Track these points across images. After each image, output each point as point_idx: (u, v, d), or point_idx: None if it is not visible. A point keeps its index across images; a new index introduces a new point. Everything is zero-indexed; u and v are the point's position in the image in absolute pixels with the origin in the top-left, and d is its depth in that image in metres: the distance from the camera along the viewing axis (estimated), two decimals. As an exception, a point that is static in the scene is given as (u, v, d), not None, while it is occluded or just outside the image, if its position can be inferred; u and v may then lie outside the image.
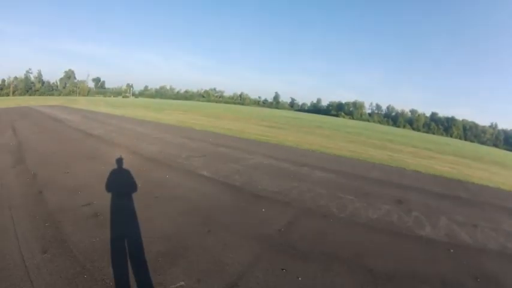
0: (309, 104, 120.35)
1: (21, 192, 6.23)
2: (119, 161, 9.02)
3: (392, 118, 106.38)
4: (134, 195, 6.33)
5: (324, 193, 7.19)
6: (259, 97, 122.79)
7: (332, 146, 16.09)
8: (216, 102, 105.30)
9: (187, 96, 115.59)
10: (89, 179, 7.28)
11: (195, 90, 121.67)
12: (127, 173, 7.85)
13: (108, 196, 6.18)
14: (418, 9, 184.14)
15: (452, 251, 4.98)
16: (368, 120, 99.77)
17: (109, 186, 6.80)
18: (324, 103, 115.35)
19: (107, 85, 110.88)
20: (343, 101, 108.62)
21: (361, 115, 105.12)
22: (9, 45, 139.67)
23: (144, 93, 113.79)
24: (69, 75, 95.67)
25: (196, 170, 8.75)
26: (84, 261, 3.93)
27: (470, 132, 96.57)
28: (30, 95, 74.68)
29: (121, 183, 7.19)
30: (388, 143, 24.88)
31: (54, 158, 9.19)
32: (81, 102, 45.80)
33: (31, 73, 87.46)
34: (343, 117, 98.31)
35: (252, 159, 10.69)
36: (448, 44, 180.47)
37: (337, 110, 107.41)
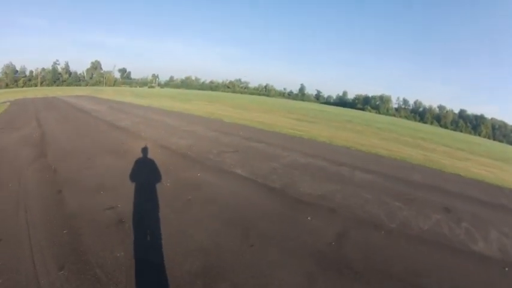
0: (334, 97, 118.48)
1: (40, 191, 5.82)
2: (146, 156, 8.57)
3: (419, 114, 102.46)
4: (164, 197, 5.73)
5: (370, 198, 6.58)
6: (285, 89, 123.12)
7: (366, 143, 15.11)
8: (241, 93, 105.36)
9: (213, 86, 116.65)
10: (113, 177, 6.80)
11: (220, 81, 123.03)
12: (155, 171, 7.29)
13: (134, 198, 5.63)
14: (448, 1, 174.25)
15: (507, 269, 4.55)
16: (394, 115, 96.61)
17: (135, 186, 6.25)
18: (350, 96, 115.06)
19: (132, 76, 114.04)
20: (370, 95, 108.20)
21: (387, 110, 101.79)
22: (37, 38, 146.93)
23: (170, 83, 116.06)
24: (96, 66, 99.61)
25: (231, 167, 8.06)
26: (107, 282, 3.35)
27: (499, 131, 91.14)
28: (57, 86, 78.01)
29: (149, 182, 6.60)
30: (421, 141, 23.48)
31: (76, 151, 8.88)
32: (107, 93, 46.73)
33: (58, 64, 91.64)
34: (369, 111, 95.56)
35: (288, 156, 9.92)
36: (479, 39, 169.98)
37: (363, 103, 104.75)
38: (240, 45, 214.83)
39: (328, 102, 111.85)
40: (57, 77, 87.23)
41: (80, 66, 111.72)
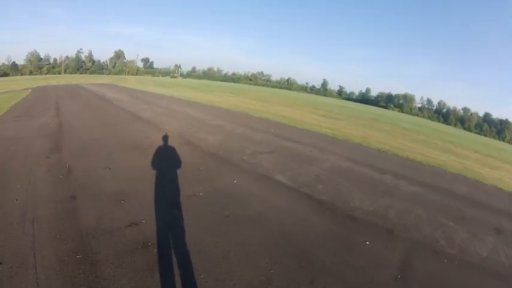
0: (356, 93, 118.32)
1: (50, 196, 4.95)
2: (173, 154, 7.64)
3: (443, 115, 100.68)
4: (197, 212, 4.74)
5: (424, 216, 5.82)
6: (307, 83, 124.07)
7: (400, 146, 13.90)
8: (263, 86, 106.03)
9: (235, 78, 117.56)
10: (136, 180, 5.88)
11: (242, 73, 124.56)
12: (184, 174, 6.34)
13: (160, 211, 4.67)
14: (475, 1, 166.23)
15: None
16: (418, 115, 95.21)
17: (162, 195, 5.31)
18: (373, 93, 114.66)
19: (155, 65, 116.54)
20: (393, 93, 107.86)
21: (410, 109, 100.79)
22: (61, 28, 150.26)
23: (192, 74, 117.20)
24: (119, 55, 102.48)
25: (269, 173, 7.03)
26: None
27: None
28: (80, 73, 79.82)
29: (177, 189, 5.63)
30: (450, 145, 22.17)
31: (95, 146, 8.08)
32: (129, 81, 46.69)
33: (82, 53, 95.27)
34: (392, 109, 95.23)
35: (327, 160, 8.82)
36: (508, 40, 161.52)
37: (386, 101, 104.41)
38: (262, 38, 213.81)
39: (350, 98, 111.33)
40: (80, 65, 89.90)
41: (103, 55, 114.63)
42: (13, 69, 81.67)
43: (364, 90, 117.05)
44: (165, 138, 9.16)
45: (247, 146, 9.27)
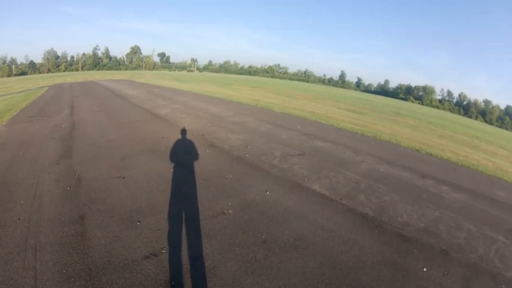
0: (375, 85, 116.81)
1: (57, 216, 4.30)
2: (194, 159, 6.92)
3: (463, 107, 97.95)
4: (228, 236, 4.00)
5: (473, 231, 5.10)
6: (324, 75, 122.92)
7: (429, 143, 12.97)
8: (280, 78, 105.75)
9: (251, 71, 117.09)
10: (153, 192, 5.17)
11: (258, 65, 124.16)
12: (209, 184, 5.63)
13: (184, 236, 3.94)
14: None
15: None
16: (438, 107, 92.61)
17: (184, 213, 4.58)
18: (391, 85, 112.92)
19: (171, 60, 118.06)
20: (412, 85, 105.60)
21: (430, 101, 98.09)
22: (77, 26, 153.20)
23: (208, 67, 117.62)
24: (135, 50, 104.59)
25: (304, 181, 6.12)
26: None
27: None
28: (98, 70, 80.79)
29: (203, 205, 4.89)
30: (476, 141, 21.07)
31: (108, 149, 7.46)
32: (146, 76, 46.54)
33: (99, 50, 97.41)
34: (412, 101, 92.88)
35: (362, 162, 7.93)
36: None
37: (405, 93, 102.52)
38: (278, 30, 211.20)
39: (368, 90, 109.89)
40: (97, 61, 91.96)
41: (119, 52, 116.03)
42: (31, 68, 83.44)
43: (382, 82, 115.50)
44: (185, 138, 8.52)
45: (274, 147, 8.44)
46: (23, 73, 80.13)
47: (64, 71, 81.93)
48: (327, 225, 4.51)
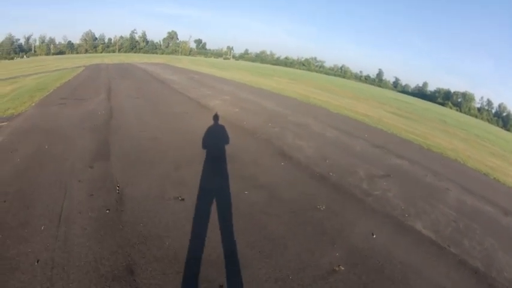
0: (412, 87, 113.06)
1: (92, 262, 2.95)
2: (272, 175, 5.47)
3: (502, 119, 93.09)
4: None
5: None
6: (361, 72, 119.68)
7: (491, 165, 11.11)
8: (316, 72, 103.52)
9: (287, 63, 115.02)
10: (227, 229, 3.73)
11: (295, 57, 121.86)
12: (302, 221, 4.17)
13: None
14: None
15: None
16: (476, 116, 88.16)
17: (282, 270, 3.13)
18: (429, 88, 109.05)
19: (207, 47, 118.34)
20: (451, 90, 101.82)
21: (469, 109, 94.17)
22: (116, 10, 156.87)
23: (244, 56, 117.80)
24: (172, 36, 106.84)
25: (405, 217, 4.84)
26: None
27: None
28: (134, 53, 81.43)
29: (303, 257, 3.46)
30: None
31: (156, 151, 6.11)
32: (184, 62, 45.97)
33: (136, 33, 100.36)
34: (450, 107, 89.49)
35: (447, 190, 6.49)
36: None
37: (444, 98, 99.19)
38: (316, 22, 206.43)
39: (405, 91, 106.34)
40: (134, 44, 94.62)
41: (156, 36, 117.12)
42: (69, 48, 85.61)
43: (419, 84, 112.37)
44: (249, 143, 7.09)
45: (355, 163, 6.88)
46: (61, 53, 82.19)
47: (101, 52, 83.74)
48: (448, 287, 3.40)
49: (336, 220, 4.28)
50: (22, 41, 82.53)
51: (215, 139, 7.12)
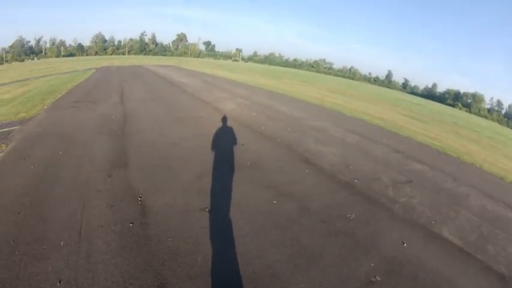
0: (421, 88, 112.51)
1: (120, 283, 2.72)
2: (298, 184, 5.22)
3: None
4: None
5: None
6: (370, 73, 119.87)
7: (505, 168, 10.82)
8: (325, 74, 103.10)
9: (296, 64, 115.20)
10: (261, 242, 3.50)
11: (303, 59, 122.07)
12: (333, 231, 3.97)
13: None
14: None
15: None
16: (486, 117, 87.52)
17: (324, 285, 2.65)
18: (439, 89, 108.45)
19: (216, 48, 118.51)
20: (461, 91, 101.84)
21: (479, 110, 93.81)
22: (125, 11, 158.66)
23: (253, 58, 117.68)
24: (181, 37, 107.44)
25: (432, 225, 4.66)
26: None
27: None
28: (144, 55, 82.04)
29: (341, 268, 3.27)
30: None
31: (175, 158, 5.90)
32: (193, 64, 46.04)
33: (145, 35, 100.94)
34: (460, 108, 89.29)
35: (468, 195, 6.26)
36: None
37: (453, 99, 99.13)
38: (324, 23, 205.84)
39: (415, 92, 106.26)
40: (144, 46, 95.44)
41: (165, 38, 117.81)
42: (79, 50, 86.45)
43: (428, 85, 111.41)
44: (271, 149, 6.91)
45: (377, 169, 6.63)
46: (71, 55, 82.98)
47: (111, 54, 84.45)
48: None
49: (366, 229, 4.12)
50: (33, 43, 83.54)
51: (236, 145, 6.87)
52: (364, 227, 4.16)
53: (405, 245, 3.92)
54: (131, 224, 3.52)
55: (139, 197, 4.17)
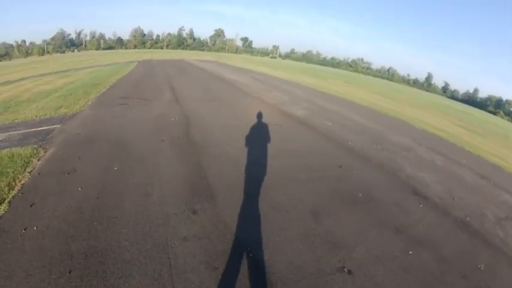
0: (461, 92, 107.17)
1: None
2: (418, 224, 4.20)
3: None
4: None
5: None
6: (408, 75, 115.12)
7: None
8: (363, 73, 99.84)
9: (334, 63, 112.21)
10: None
11: (341, 58, 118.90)
12: (466, 281, 3.01)
13: None
14: None
15: None
16: None
17: None
18: (480, 94, 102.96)
19: (253, 45, 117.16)
20: (503, 98, 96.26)
21: None
22: (164, 7, 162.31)
23: (290, 55, 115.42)
24: (219, 33, 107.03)
25: None
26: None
27: None
28: (182, 49, 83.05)
29: None
30: None
31: (276, 183, 4.62)
32: (234, 60, 45.39)
33: (183, 30, 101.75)
34: (501, 117, 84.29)
35: None
36: None
37: (495, 106, 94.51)
38: (363, 22, 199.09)
39: (455, 97, 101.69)
40: (181, 41, 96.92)
41: (203, 33, 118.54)
42: (118, 43, 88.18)
43: (469, 90, 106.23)
44: (373, 174, 5.77)
45: (477, 201, 5.59)
46: (111, 48, 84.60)
47: (149, 48, 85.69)
48: None
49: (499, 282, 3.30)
50: (73, 35, 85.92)
51: (335, 168, 5.56)
52: (497, 279, 3.35)
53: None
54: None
55: (249, 250, 2.87)
